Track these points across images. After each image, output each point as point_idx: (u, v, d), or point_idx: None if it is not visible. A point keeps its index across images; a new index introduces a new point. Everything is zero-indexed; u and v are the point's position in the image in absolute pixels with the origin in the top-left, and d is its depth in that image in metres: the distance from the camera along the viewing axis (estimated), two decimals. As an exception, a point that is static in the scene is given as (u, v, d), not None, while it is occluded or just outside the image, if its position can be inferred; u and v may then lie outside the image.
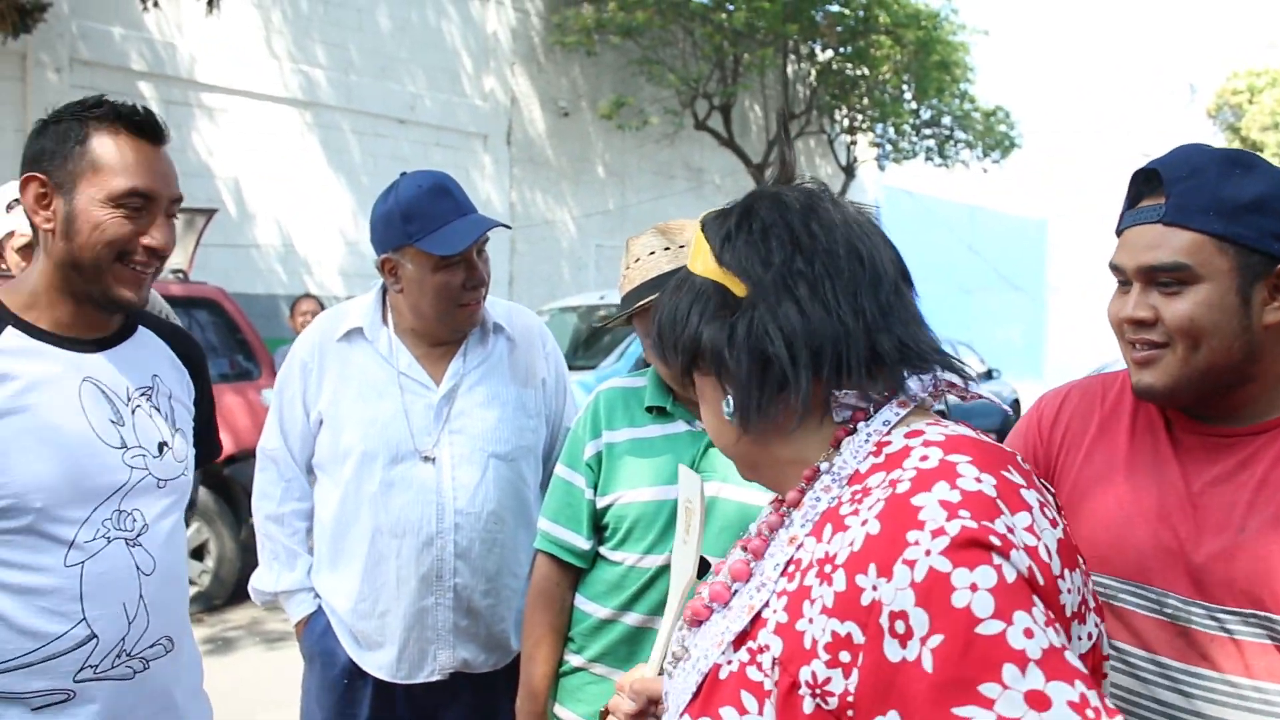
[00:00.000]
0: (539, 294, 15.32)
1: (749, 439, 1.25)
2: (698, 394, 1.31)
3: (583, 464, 2.34)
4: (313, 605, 2.71)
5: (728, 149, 16.55)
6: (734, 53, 15.58)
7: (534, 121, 15.72)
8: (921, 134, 19.27)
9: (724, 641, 1.18)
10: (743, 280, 1.22)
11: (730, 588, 1.25)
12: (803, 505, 1.21)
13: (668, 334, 1.27)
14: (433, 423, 2.60)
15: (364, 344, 2.66)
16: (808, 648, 1.08)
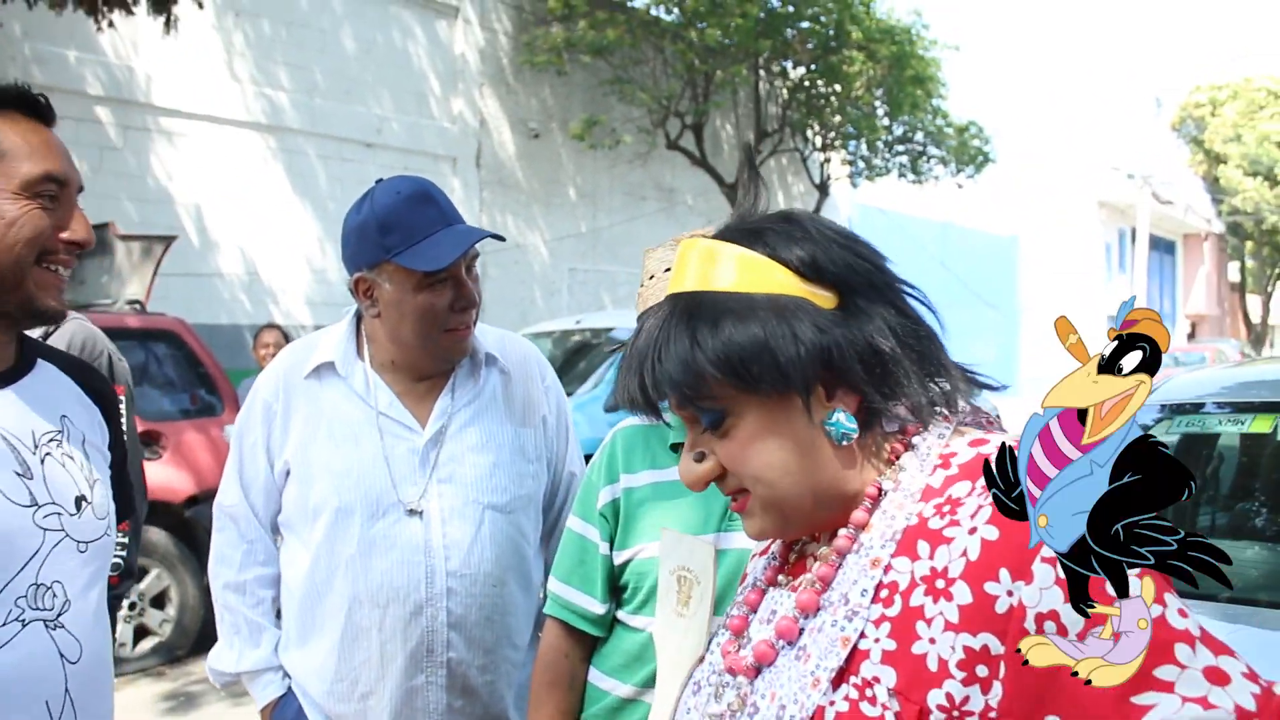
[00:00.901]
0: (511, 319, 14.99)
1: (833, 466, 1.17)
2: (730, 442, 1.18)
3: (596, 514, 2.01)
4: (281, 687, 2.34)
5: (700, 169, 16.32)
6: (705, 70, 15.36)
7: (504, 144, 15.42)
8: (894, 150, 19.14)
9: (821, 681, 1.09)
10: (833, 290, 1.17)
11: (798, 622, 1.16)
12: (872, 527, 1.16)
13: (755, 361, 1.12)
14: (418, 470, 2.24)
15: (336, 381, 2.30)
16: (934, 670, 1.04)
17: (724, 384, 1.14)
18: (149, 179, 11.49)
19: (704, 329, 1.14)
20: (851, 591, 1.13)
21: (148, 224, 10.57)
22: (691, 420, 1.21)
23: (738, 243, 1.19)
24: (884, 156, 19.13)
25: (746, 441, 1.17)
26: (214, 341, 8.77)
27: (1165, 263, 41.35)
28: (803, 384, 1.13)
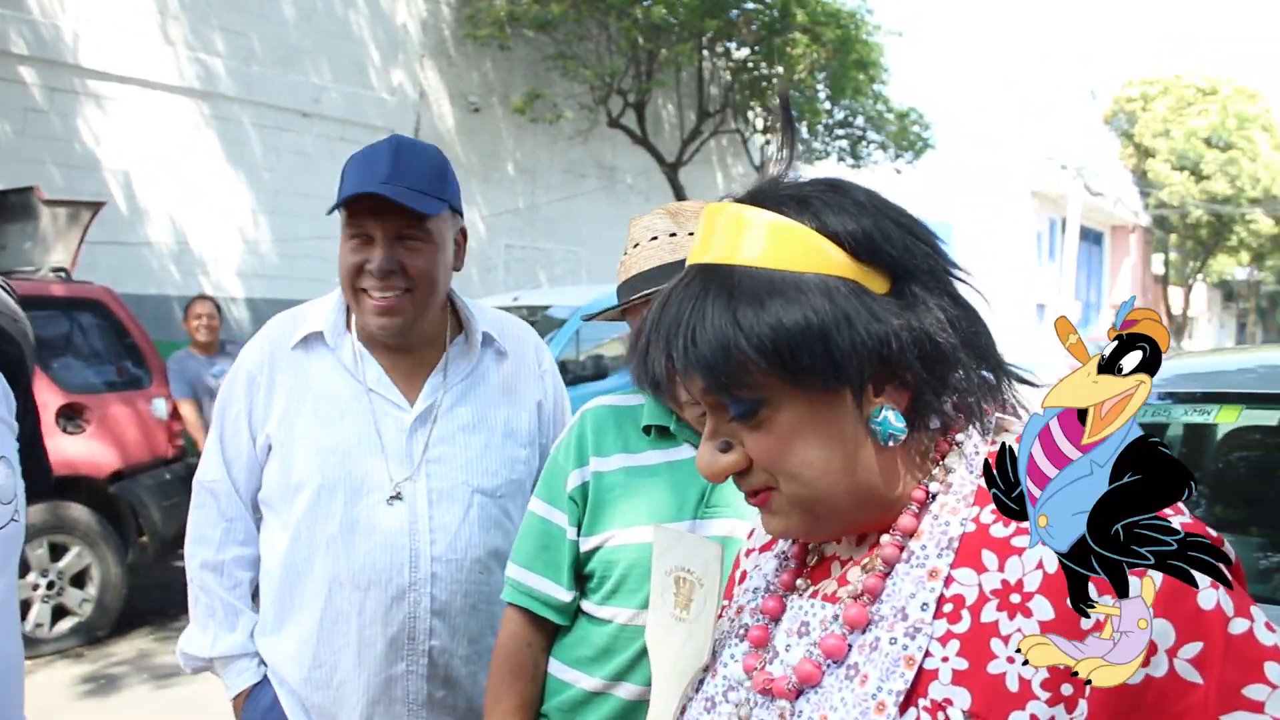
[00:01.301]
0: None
1: (876, 466, 1.06)
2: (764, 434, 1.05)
3: (565, 497, 1.93)
4: (256, 675, 2.24)
5: (641, 147, 16.22)
6: (650, 49, 15.25)
7: (443, 117, 15.19)
8: (834, 135, 19.18)
9: (887, 705, 0.99)
10: (886, 272, 1.05)
11: (846, 639, 1.06)
12: (922, 534, 1.07)
13: (807, 353, 1.00)
14: (405, 450, 2.16)
15: (325, 352, 2.22)
16: (1015, 690, 0.97)
17: (766, 373, 1.02)
18: (76, 143, 11.12)
19: (747, 310, 1.01)
20: (909, 606, 1.03)
21: (74, 190, 10.24)
22: (716, 407, 1.08)
23: (776, 209, 1.06)
24: (824, 140, 19.16)
25: (784, 436, 1.05)
26: (142, 312, 8.51)
27: (1093, 253, 42.06)
28: (857, 377, 1.02)
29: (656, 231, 1.89)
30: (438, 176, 2.15)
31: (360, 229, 2.12)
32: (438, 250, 2.15)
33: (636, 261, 1.88)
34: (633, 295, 1.85)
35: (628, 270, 1.90)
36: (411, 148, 2.16)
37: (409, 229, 2.11)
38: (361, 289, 2.14)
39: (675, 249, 1.85)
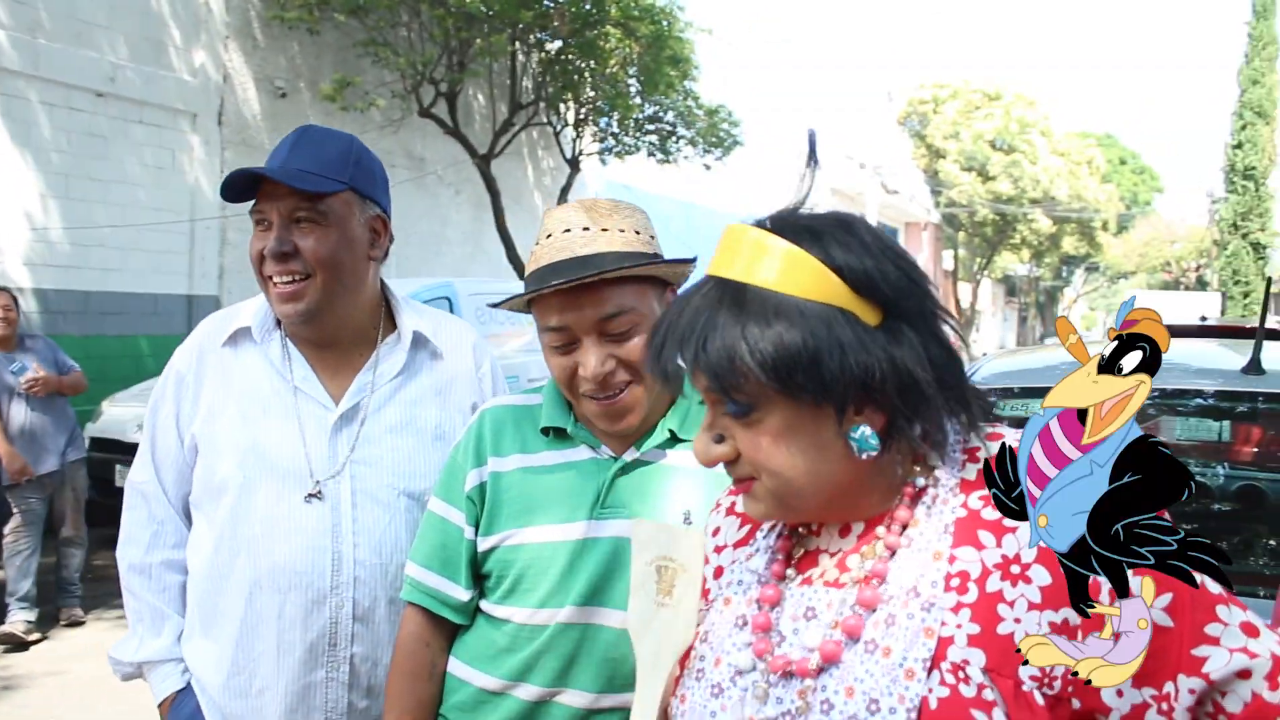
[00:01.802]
0: (253, 286, 14.10)
1: (849, 472, 1.22)
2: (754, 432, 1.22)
3: (462, 497, 1.93)
4: (180, 681, 2.19)
5: (452, 138, 16.00)
6: (463, 38, 15.03)
7: (248, 101, 14.63)
8: (645, 130, 19.31)
9: (915, 671, 1.14)
10: (879, 307, 1.19)
11: (863, 618, 1.21)
12: (918, 522, 1.23)
13: (802, 371, 1.15)
14: (328, 449, 2.14)
15: (253, 349, 2.21)
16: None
17: (763, 382, 1.17)
18: None
19: (754, 328, 1.16)
20: (920, 584, 1.19)
21: None
22: (716, 403, 1.25)
23: (792, 239, 1.20)
24: (634, 135, 19.28)
25: (772, 438, 1.21)
26: (-78, 304, 7.91)
27: (888, 249, 43.69)
28: (841, 398, 1.17)
29: (571, 224, 1.87)
30: (339, 160, 2.15)
31: (260, 214, 2.13)
32: (337, 232, 2.13)
33: (548, 253, 1.85)
34: (541, 286, 1.82)
35: (538, 260, 1.87)
36: (317, 133, 2.18)
37: (303, 210, 2.10)
38: (267, 276, 2.13)
39: (587, 243, 1.83)
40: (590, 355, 1.81)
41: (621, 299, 1.82)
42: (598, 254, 1.82)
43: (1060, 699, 1.13)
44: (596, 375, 1.81)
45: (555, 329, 1.83)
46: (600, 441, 1.93)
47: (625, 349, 1.83)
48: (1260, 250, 36.96)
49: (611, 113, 18.21)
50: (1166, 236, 61.53)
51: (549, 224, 1.90)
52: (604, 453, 1.93)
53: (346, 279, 2.17)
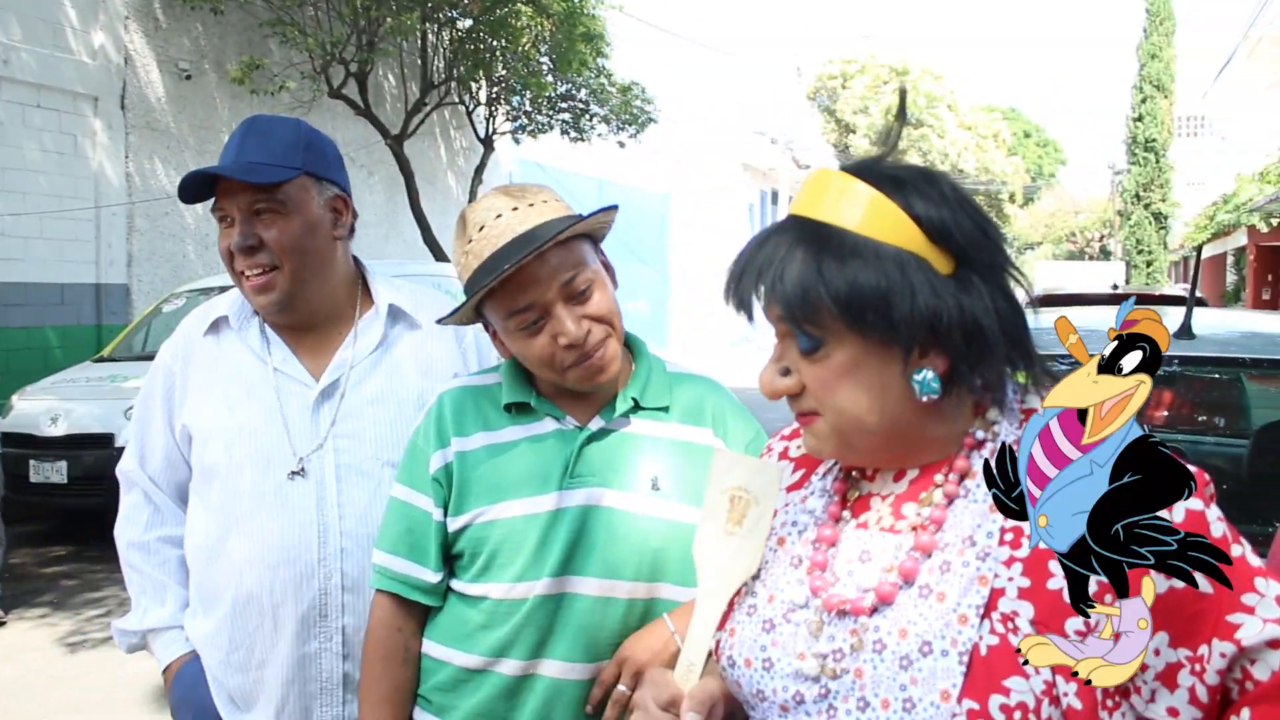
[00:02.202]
0: (163, 274, 13.98)
1: (910, 414, 1.27)
2: (820, 367, 1.27)
3: (428, 480, 1.93)
4: (185, 647, 2.28)
5: (363, 119, 15.77)
6: (372, 17, 14.80)
7: (152, 84, 14.26)
8: (558, 108, 19.24)
9: (969, 617, 1.19)
10: (952, 256, 1.24)
11: (919, 563, 1.25)
12: (976, 474, 1.27)
13: (873, 309, 1.21)
14: (310, 425, 2.20)
15: (232, 336, 2.28)
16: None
17: (835, 317, 1.22)
18: None
19: (831, 263, 1.22)
20: (977, 534, 1.24)
21: None
22: (786, 336, 1.30)
23: (876, 185, 1.25)
24: (548, 113, 19.20)
25: (838, 373, 1.26)
26: None
27: (801, 224, 44.01)
28: (908, 340, 1.22)
29: (500, 210, 1.87)
30: (288, 147, 2.18)
31: (222, 211, 2.17)
32: (298, 219, 2.17)
33: (488, 243, 1.85)
34: (492, 277, 1.81)
35: (479, 254, 1.86)
36: (263, 123, 2.22)
37: (262, 202, 2.14)
38: (239, 272, 2.18)
39: (524, 220, 1.85)
40: (566, 322, 1.83)
41: (573, 259, 1.86)
42: (539, 225, 1.84)
43: None
44: (579, 337, 1.83)
45: (523, 309, 1.84)
46: (565, 412, 1.95)
47: (592, 305, 1.87)
48: (1161, 220, 37.99)
49: (524, 91, 18.10)
50: (1071, 208, 62.95)
51: (476, 217, 1.89)
52: (569, 423, 1.94)
53: (313, 263, 2.21)
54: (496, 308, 1.87)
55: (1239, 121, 36.17)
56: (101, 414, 8.76)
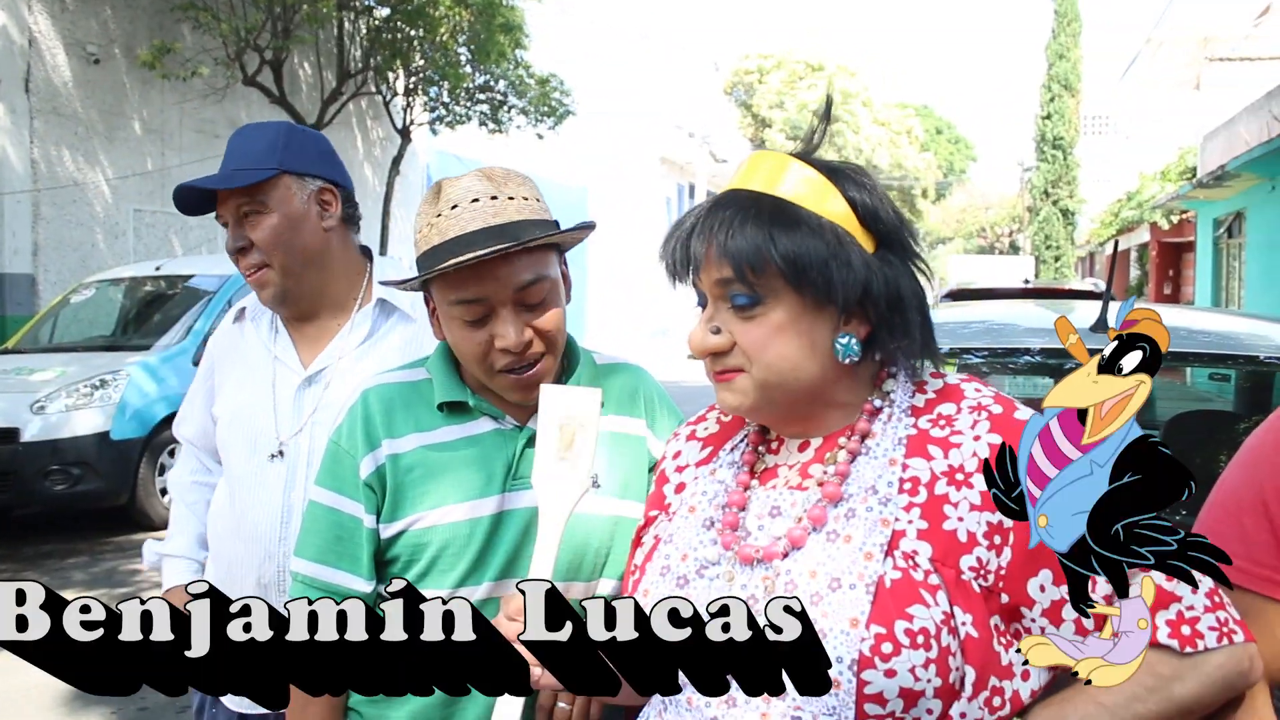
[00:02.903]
0: (70, 264, 13.64)
1: (827, 376, 1.41)
2: (754, 325, 1.39)
3: (358, 485, 1.84)
4: (187, 575, 2.50)
5: (278, 107, 15.52)
6: (288, 4, 14.55)
7: (58, 67, 13.88)
8: (476, 99, 19.10)
9: (874, 554, 1.31)
10: (874, 238, 1.40)
11: (826, 510, 1.37)
12: (875, 434, 1.42)
13: (817, 271, 1.35)
14: (293, 410, 2.31)
15: (250, 327, 2.44)
16: (964, 541, 1.31)
17: (779, 276, 1.35)
18: None
19: (780, 228, 1.35)
20: (878, 484, 1.37)
21: None
22: (720, 297, 1.41)
23: (817, 170, 1.41)
24: (465, 104, 19.05)
25: (773, 330, 1.38)
26: None
27: (718, 218, 44.11)
28: (843, 302, 1.36)
29: (478, 194, 1.79)
30: (266, 148, 2.30)
31: (222, 218, 2.32)
32: (279, 216, 2.28)
33: (456, 224, 1.77)
34: (454, 259, 1.74)
35: (444, 233, 1.78)
36: (249, 131, 2.37)
37: (246, 205, 2.27)
38: (242, 271, 2.33)
39: (497, 212, 1.78)
40: (509, 326, 1.78)
41: (537, 266, 1.80)
42: (512, 222, 1.78)
43: (992, 591, 1.30)
44: (518, 345, 1.78)
45: (470, 301, 1.77)
46: (503, 412, 1.88)
47: (541, 319, 1.81)
48: (1069, 216, 38.83)
49: (442, 82, 17.95)
50: (981, 203, 64.05)
51: (453, 193, 1.81)
52: (508, 423, 1.88)
53: (302, 255, 2.32)
54: (446, 290, 1.79)
55: (1142, 121, 37.08)
56: (6, 408, 8.36)
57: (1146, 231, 30.12)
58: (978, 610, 1.29)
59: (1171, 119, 33.68)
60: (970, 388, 1.44)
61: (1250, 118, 19.92)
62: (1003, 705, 1.31)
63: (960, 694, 1.28)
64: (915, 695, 1.26)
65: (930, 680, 1.25)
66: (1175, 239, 28.98)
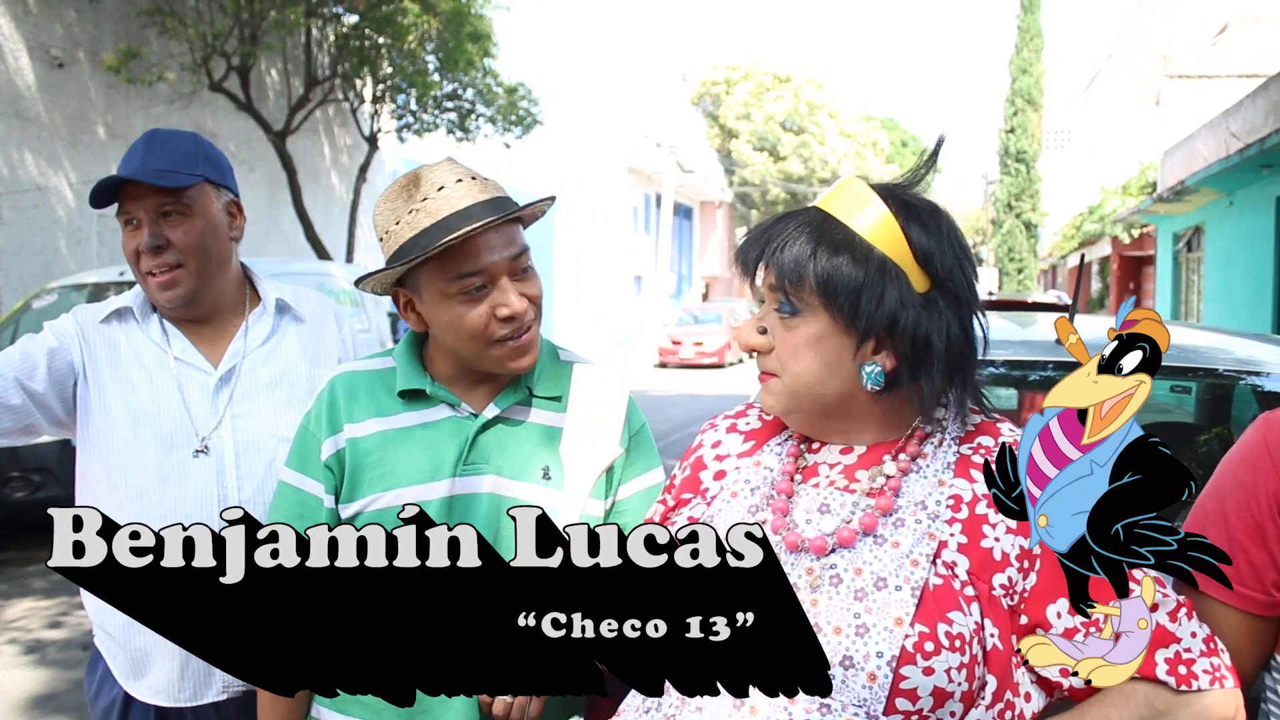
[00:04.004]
0: (32, 270, 13.51)
1: (853, 396, 1.50)
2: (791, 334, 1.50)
3: (319, 466, 1.95)
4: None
5: (245, 114, 15.45)
6: (255, 10, 14.49)
7: (21, 71, 13.76)
8: (443, 107, 19.08)
9: (920, 561, 1.39)
10: (929, 279, 1.46)
11: (878, 518, 1.45)
12: (926, 457, 1.50)
13: (846, 296, 1.44)
14: (210, 407, 2.37)
15: (135, 328, 2.42)
16: (998, 560, 1.39)
17: (814, 293, 1.45)
18: None
19: (824, 249, 1.45)
20: (928, 500, 1.45)
21: None
22: (771, 300, 1.52)
23: (888, 203, 1.47)
24: (433, 112, 19.03)
25: (804, 342, 1.48)
26: None
27: (684, 227, 44.27)
28: (864, 330, 1.44)
29: (460, 175, 1.90)
30: (190, 155, 2.35)
31: (129, 214, 2.32)
32: (201, 221, 2.35)
33: (446, 204, 1.85)
34: (458, 231, 1.81)
35: (435, 214, 1.85)
36: (163, 135, 2.37)
37: (168, 205, 2.30)
38: (144, 271, 2.33)
39: (482, 189, 1.89)
40: (510, 294, 1.88)
41: (520, 239, 1.93)
42: (499, 198, 1.90)
43: (1015, 610, 1.38)
44: (520, 310, 1.89)
45: (471, 274, 1.85)
46: (459, 399, 1.97)
47: (531, 286, 1.94)
48: (1032, 229, 39.17)
49: (410, 90, 17.92)
50: (945, 215, 64.28)
51: (436, 177, 1.89)
52: (464, 410, 1.96)
53: (214, 261, 2.40)
54: (442, 270, 1.85)
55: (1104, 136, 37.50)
56: (-32, 413, 8.37)
57: (1108, 245, 30.44)
58: (1004, 625, 1.37)
59: (1132, 134, 34.07)
60: (1005, 426, 1.54)
61: (1209, 134, 20.19)
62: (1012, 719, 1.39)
63: (979, 702, 1.36)
64: (945, 696, 1.33)
65: (960, 684, 1.33)
66: (1136, 252, 29.31)
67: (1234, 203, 18.79)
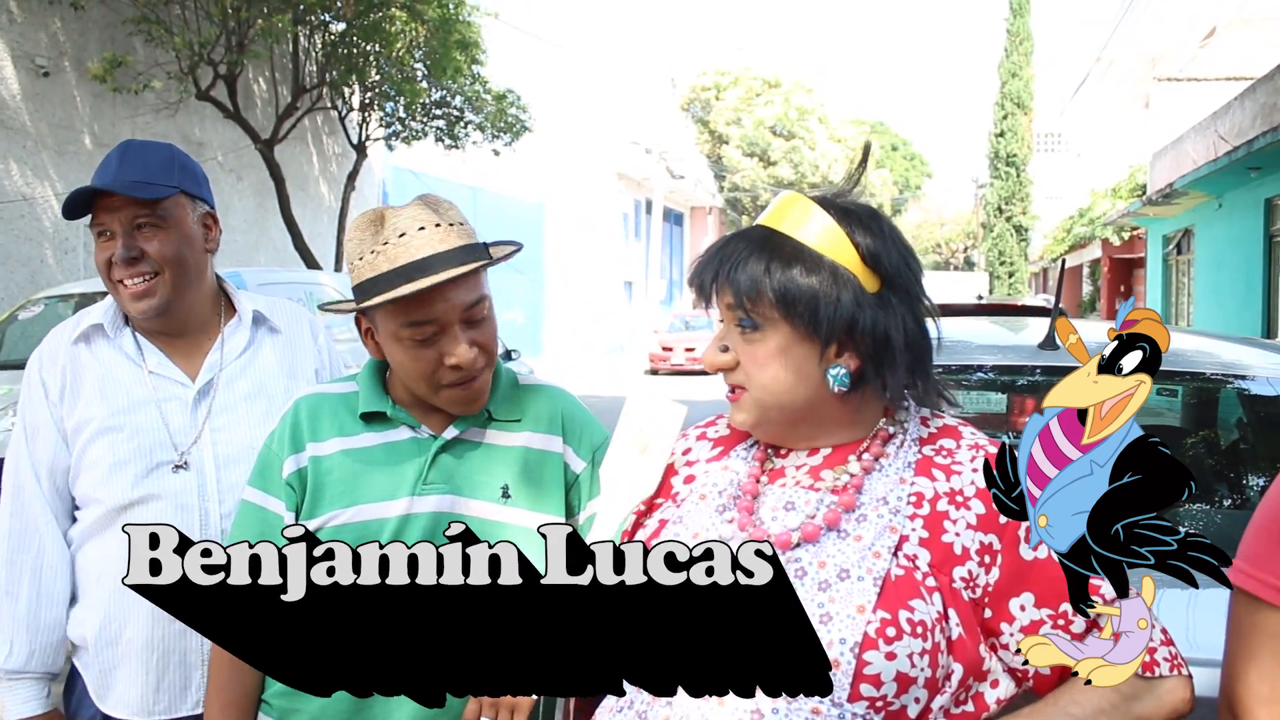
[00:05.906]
0: (19, 280, 13.44)
1: (822, 401, 1.54)
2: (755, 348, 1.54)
3: (281, 484, 1.99)
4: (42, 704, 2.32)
5: (232, 122, 15.40)
6: (242, 18, 14.43)
7: (6, 80, 13.67)
8: (432, 115, 19.06)
9: (882, 554, 1.43)
10: (879, 279, 1.51)
11: (841, 514, 1.50)
12: (888, 456, 1.55)
13: (804, 305, 1.48)
14: (190, 421, 2.36)
15: (105, 344, 2.38)
16: (958, 554, 1.44)
17: (773, 306, 1.50)
18: None
19: (778, 264, 1.50)
20: (889, 496, 1.50)
21: None
22: (731, 320, 1.56)
23: (830, 212, 1.53)
24: (422, 120, 19.01)
25: (768, 354, 1.53)
26: None
27: (675, 233, 44.36)
28: (826, 335, 1.49)
29: (423, 222, 1.90)
30: (165, 166, 2.34)
31: (102, 226, 2.30)
32: (176, 233, 2.33)
33: (405, 251, 1.87)
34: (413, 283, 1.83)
35: (392, 259, 1.87)
36: (138, 146, 2.36)
37: (143, 217, 2.28)
38: (117, 281, 2.30)
39: (445, 237, 1.89)
40: (460, 344, 1.90)
41: (479, 287, 1.94)
42: (457, 247, 1.90)
43: (978, 604, 1.44)
44: (468, 361, 1.90)
45: (424, 322, 1.88)
46: (419, 421, 2.01)
47: (484, 334, 1.95)
48: (1022, 233, 39.28)
49: (398, 97, 17.88)
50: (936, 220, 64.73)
51: (399, 223, 1.91)
52: (424, 432, 2.00)
53: (190, 272, 2.37)
54: (395, 314, 1.88)
55: (1093, 139, 37.60)
56: (-47, 425, 8.32)
57: (1098, 248, 30.52)
58: (966, 615, 1.42)
59: (1122, 137, 34.20)
60: (967, 430, 1.60)
61: (1197, 137, 20.27)
62: (975, 708, 1.45)
63: (944, 689, 1.41)
64: (909, 681, 1.37)
65: (923, 670, 1.37)
66: (1126, 255, 29.40)
67: (1223, 205, 18.84)
